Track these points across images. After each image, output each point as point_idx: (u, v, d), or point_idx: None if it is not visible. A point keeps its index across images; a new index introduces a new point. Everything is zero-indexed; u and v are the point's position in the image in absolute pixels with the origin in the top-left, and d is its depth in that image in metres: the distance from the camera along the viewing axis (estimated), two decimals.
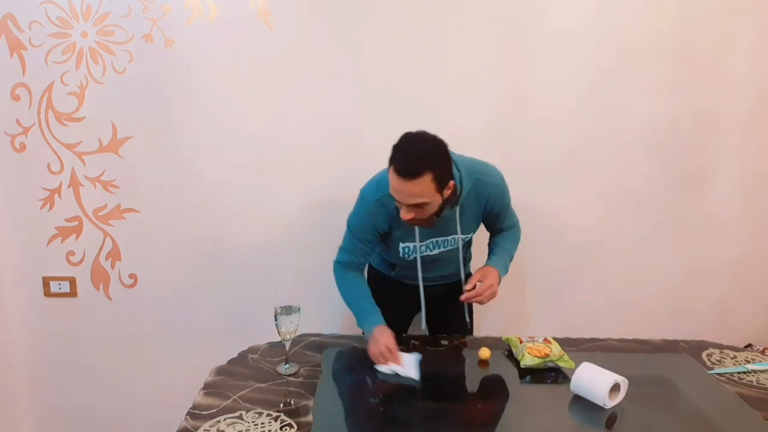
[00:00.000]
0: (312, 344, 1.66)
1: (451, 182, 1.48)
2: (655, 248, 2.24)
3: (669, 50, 2.05)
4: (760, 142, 2.18)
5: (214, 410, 1.29)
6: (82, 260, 2.11)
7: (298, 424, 1.25)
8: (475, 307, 1.85)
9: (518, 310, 2.26)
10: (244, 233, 2.12)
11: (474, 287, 1.58)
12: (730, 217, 2.24)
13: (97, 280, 2.13)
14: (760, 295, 2.34)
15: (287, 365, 1.51)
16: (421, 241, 1.65)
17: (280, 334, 1.50)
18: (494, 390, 1.47)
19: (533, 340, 1.57)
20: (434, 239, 1.65)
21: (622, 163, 2.15)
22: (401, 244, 1.66)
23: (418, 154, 1.43)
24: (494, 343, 1.66)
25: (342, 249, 1.70)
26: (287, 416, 1.27)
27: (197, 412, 1.29)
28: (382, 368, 1.49)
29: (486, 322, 2.15)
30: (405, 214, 1.48)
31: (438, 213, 1.52)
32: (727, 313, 2.33)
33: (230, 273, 2.15)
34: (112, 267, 2.12)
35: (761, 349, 2.19)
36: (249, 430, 1.22)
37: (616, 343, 1.69)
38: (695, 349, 1.66)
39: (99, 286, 2.14)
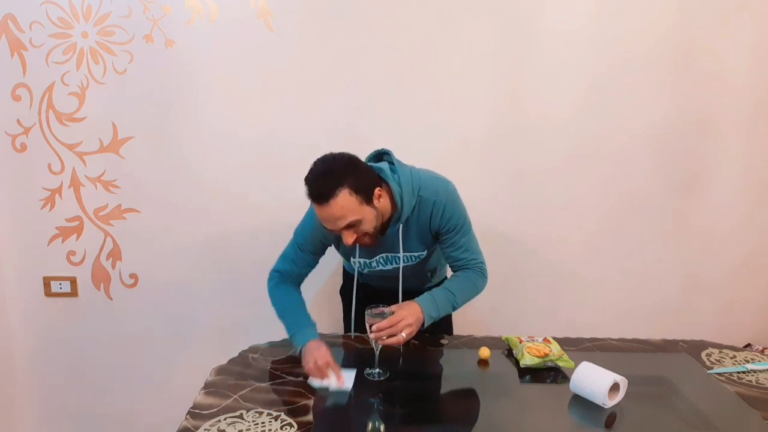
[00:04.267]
0: None
1: (377, 190, 1.43)
2: (655, 249, 2.25)
3: (669, 52, 2.06)
4: (760, 144, 2.18)
5: (215, 410, 1.30)
6: (82, 260, 2.11)
7: (298, 423, 1.25)
8: (475, 306, 1.84)
9: (518, 310, 2.26)
10: (245, 233, 2.12)
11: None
12: (730, 218, 2.24)
13: (98, 280, 2.13)
14: (760, 296, 2.34)
15: (378, 370, 1.44)
16: (369, 257, 1.62)
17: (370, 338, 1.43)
18: (494, 389, 1.47)
19: (533, 340, 1.57)
20: (384, 254, 1.62)
21: (623, 165, 2.15)
22: (353, 259, 1.64)
23: (324, 174, 1.38)
24: (494, 342, 1.66)
25: (283, 257, 1.64)
26: (287, 416, 1.27)
27: (198, 411, 1.29)
28: (316, 382, 1.40)
29: (486, 322, 2.16)
30: (347, 239, 1.44)
31: (383, 229, 1.51)
32: (727, 313, 2.33)
33: (231, 273, 2.16)
34: (113, 267, 2.13)
35: (760, 348, 2.20)
36: (249, 429, 1.23)
37: (615, 343, 1.69)
38: (694, 348, 1.66)
39: (100, 286, 2.14)
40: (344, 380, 1.40)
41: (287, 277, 1.63)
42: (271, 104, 2.02)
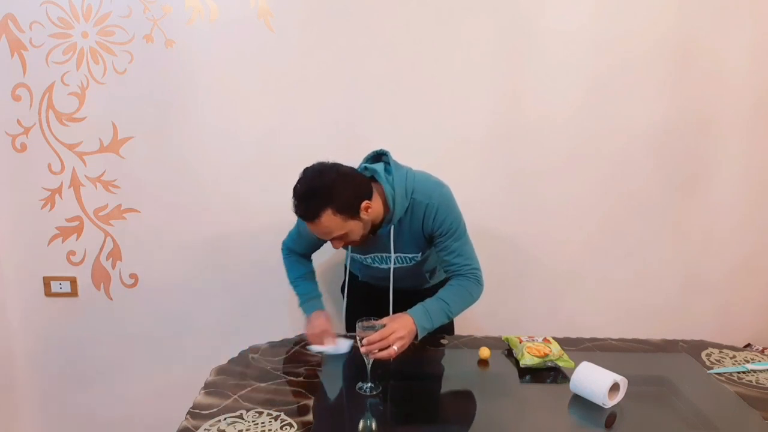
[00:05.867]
0: None
1: (364, 203, 1.43)
2: (655, 250, 2.25)
3: (669, 52, 2.06)
4: (760, 144, 2.18)
5: (215, 410, 1.30)
6: (82, 260, 2.11)
7: (298, 423, 1.25)
8: (475, 306, 1.84)
9: (518, 310, 2.26)
10: (245, 233, 2.12)
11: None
12: (730, 218, 2.24)
13: (98, 280, 2.13)
14: (760, 296, 2.34)
15: (370, 384, 1.40)
16: (363, 254, 1.66)
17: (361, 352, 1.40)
18: (494, 389, 1.47)
19: (533, 340, 1.57)
20: (378, 254, 1.64)
21: (623, 165, 2.15)
22: (350, 254, 1.69)
23: (309, 194, 1.39)
24: (494, 342, 1.66)
25: (290, 235, 1.76)
26: (287, 416, 1.27)
27: (198, 411, 1.29)
28: (315, 348, 1.57)
29: (486, 322, 2.16)
30: (335, 245, 1.51)
31: (372, 231, 1.54)
32: (727, 313, 2.33)
33: (231, 273, 2.16)
34: (113, 267, 2.13)
35: (760, 348, 2.20)
36: (249, 429, 1.23)
37: (615, 343, 1.70)
38: (694, 348, 1.66)
39: (100, 286, 2.14)
40: (339, 346, 1.56)
41: (293, 252, 1.76)
42: (271, 104, 2.02)
